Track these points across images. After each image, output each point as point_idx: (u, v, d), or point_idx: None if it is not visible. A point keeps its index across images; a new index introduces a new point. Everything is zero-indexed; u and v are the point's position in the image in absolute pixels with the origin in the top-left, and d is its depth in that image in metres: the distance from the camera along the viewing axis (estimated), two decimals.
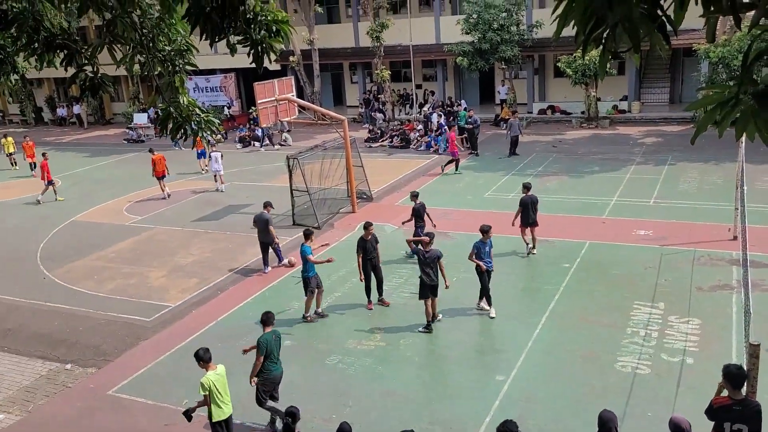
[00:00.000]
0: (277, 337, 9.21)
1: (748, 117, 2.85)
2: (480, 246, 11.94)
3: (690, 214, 16.67)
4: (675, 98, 32.37)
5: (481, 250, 11.94)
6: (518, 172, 22.35)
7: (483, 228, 12.04)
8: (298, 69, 34.66)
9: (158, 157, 22.50)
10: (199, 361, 8.35)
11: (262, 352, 8.96)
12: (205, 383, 8.20)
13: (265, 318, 9.29)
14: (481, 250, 11.94)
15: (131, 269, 15.85)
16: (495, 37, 29.21)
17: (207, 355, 8.39)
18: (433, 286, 11.53)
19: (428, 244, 11.53)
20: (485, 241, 11.93)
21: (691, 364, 9.94)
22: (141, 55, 6.73)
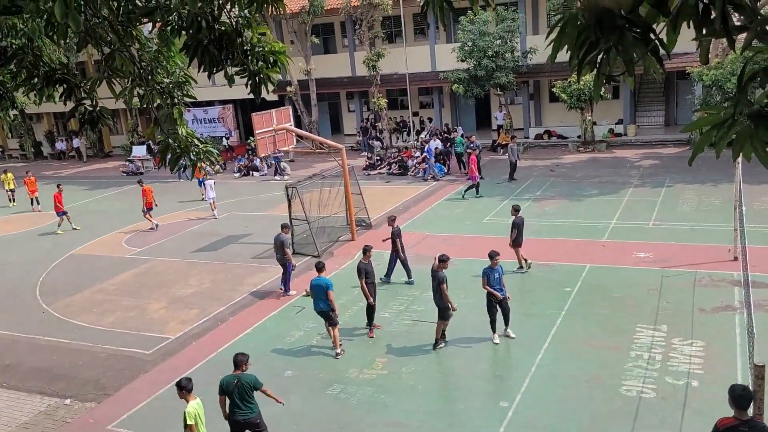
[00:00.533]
0: (242, 381, 8.78)
1: (744, 137, 2.86)
2: (489, 273, 11.76)
3: (690, 235, 16.67)
4: (670, 121, 32.60)
5: (491, 277, 11.74)
6: (516, 196, 22.38)
7: (491, 254, 11.86)
8: (296, 99, 34.94)
9: (149, 188, 22.63)
10: (182, 390, 8.33)
11: (219, 392, 8.84)
12: (192, 413, 8.14)
13: (234, 359, 9.00)
14: (491, 277, 11.75)
15: (131, 301, 15.78)
16: (490, 64, 29.52)
17: (189, 384, 8.39)
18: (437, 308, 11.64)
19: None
20: (494, 267, 11.76)
21: (697, 387, 9.85)
22: (140, 87, 6.78)
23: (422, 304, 13.92)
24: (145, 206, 22.50)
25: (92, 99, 6.91)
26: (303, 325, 13.48)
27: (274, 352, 12.43)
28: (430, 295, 14.30)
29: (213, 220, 23.08)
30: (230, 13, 5.66)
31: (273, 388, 10.95)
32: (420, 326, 12.87)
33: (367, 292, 12.42)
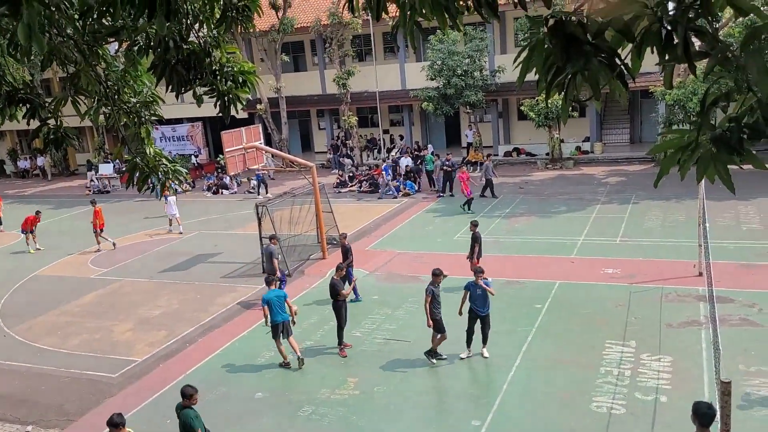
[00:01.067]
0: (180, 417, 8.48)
1: (708, 160, 2.92)
2: (471, 288, 11.78)
3: (656, 251, 16.95)
4: (635, 138, 33.28)
5: (473, 293, 11.74)
6: (486, 213, 22.56)
7: (476, 269, 12.02)
8: (266, 116, 34.84)
9: (100, 209, 22.31)
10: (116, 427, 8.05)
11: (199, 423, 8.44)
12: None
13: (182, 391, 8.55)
14: (473, 292, 11.75)
15: (96, 324, 15.42)
16: (459, 83, 29.86)
17: (122, 419, 8.11)
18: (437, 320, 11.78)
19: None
20: (477, 284, 11.73)
21: (665, 402, 9.96)
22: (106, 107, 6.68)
23: (393, 323, 13.88)
24: (97, 227, 22.11)
25: (57, 119, 6.79)
26: (274, 345, 13.30)
27: (244, 373, 12.24)
28: (401, 313, 14.34)
29: (180, 238, 22.76)
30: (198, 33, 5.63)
31: (243, 409, 10.82)
32: (391, 345, 12.82)
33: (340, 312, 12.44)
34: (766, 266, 15.10)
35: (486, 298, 11.75)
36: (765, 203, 20.52)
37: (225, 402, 11.22)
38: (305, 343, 13.24)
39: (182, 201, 29.59)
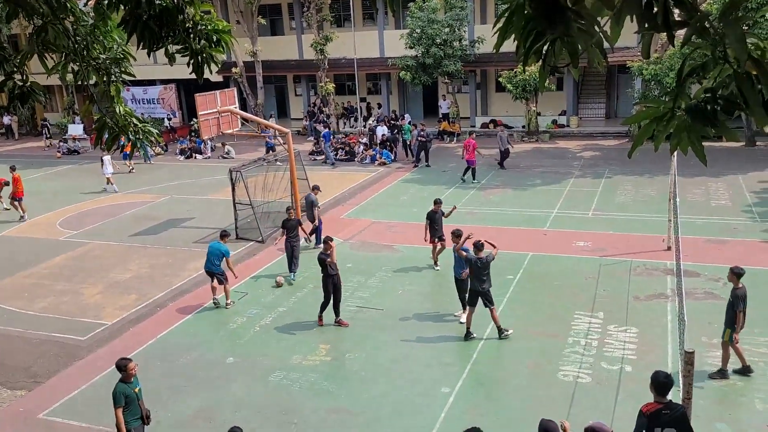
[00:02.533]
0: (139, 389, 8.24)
1: (682, 131, 2.93)
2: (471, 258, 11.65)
3: (626, 225, 17.20)
4: (611, 113, 33.50)
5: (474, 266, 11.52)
6: (462, 185, 22.61)
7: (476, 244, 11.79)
8: (241, 81, 34.26)
9: (19, 176, 21.53)
10: None
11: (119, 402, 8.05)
12: None
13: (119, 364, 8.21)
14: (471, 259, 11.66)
15: (65, 286, 15.22)
16: (438, 52, 29.62)
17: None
18: (485, 293, 11.33)
19: (479, 250, 11.43)
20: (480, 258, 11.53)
21: (630, 372, 10.20)
22: (74, 63, 6.49)
23: (367, 291, 13.94)
24: (15, 195, 21.31)
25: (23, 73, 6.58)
26: (246, 311, 13.30)
27: (215, 338, 12.23)
28: (374, 281, 14.40)
29: (152, 203, 22.47)
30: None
31: (215, 374, 10.83)
32: (364, 312, 12.89)
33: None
34: (732, 242, 15.44)
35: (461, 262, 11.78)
36: (734, 180, 20.89)
37: (196, 366, 11.21)
38: (278, 309, 13.24)
39: (156, 164, 29.18)
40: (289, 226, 14.86)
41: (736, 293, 9.55)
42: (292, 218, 15.10)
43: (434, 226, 14.62)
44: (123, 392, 8.07)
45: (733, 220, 17.12)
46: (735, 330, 9.58)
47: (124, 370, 8.12)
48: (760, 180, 20.81)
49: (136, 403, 8.19)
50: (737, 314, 9.50)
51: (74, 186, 25.73)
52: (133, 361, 8.28)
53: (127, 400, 8.07)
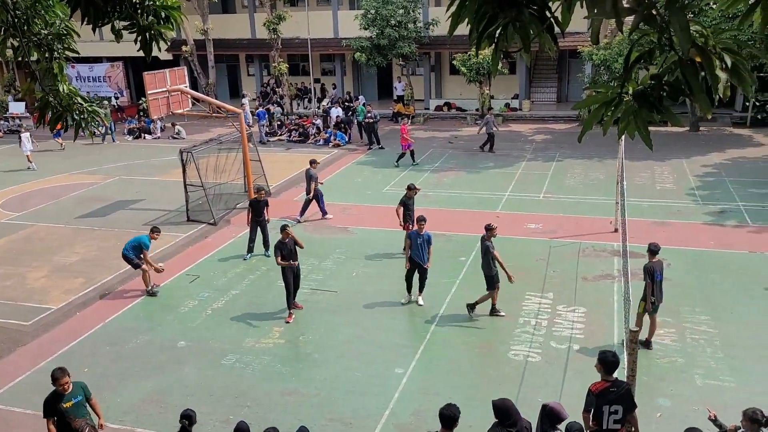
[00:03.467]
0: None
1: (629, 116, 3.00)
2: (413, 236, 11.88)
3: (576, 208, 17.60)
4: (562, 97, 34.07)
5: (414, 241, 11.85)
6: (416, 167, 22.70)
7: (419, 218, 12.06)
8: (192, 59, 33.46)
9: None
10: None
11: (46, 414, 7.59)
12: None
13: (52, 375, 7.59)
14: (414, 241, 11.85)
15: (7, 270, 14.72)
16: (393, 34, 29.53)
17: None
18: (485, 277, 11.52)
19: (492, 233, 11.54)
20: (420, 233, 11.83)
21: (578, 350, 10.49)
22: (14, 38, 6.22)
23: (321, 274, 13.91)
24: None
25: None
26: (198, 294, 13.13)
27: (166, 321, 12.04)
28: (328, 264, 14.38)
29: (99, 184, 21.86)
30: None
31: (166, 358, 10.68)
32: (317, 295, 12.87)
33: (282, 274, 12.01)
34: (676, 224, 15.96)
35: (424, 248, 11.92)
36: (678, 164, 21.56)
37: (147, 350, 11.03)
38: (231, 292, 13.11)
39: (102, 145, 28.35)
40: (259, 207, 14.68)
41: (645, 266, 10.14)
42: (261, 198, 14.86)
43: (407, 212, 14.45)
44: (52, 403, 7.54)
45: (677, 203, 17.69)
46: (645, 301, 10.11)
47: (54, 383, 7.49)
48: (702, 164, 21.53)
49: (64, 420, 7.50)
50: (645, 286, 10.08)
51: (16, 166, 24.80)
52: (67, 375, 7.55)
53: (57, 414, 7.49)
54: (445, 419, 6.26)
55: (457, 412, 6.27)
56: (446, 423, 6.27)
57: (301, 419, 8.70)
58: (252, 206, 14.79)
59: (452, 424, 6.26)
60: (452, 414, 6.25)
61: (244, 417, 8.24)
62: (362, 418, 9.01)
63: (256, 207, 14.72)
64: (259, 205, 14.74)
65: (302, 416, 8.93)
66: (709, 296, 12.13)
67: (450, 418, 6.24)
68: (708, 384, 9.45)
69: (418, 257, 11.93)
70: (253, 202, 14.86)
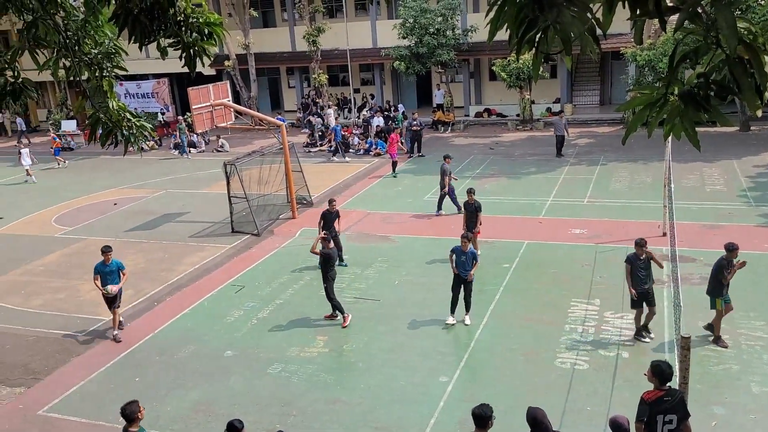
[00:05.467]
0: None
1: (675, 117, 2.94)
2: (457, 252, 11.52)
3: (622, 212, 17.25)
4: (605, 100, 33.51)
5: (458, 257, 11.48)
6: (457, 174, 22.56)
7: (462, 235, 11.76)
8: (234, 74, 34.11)
9: None
10: None
11: None
12: None
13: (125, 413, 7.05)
14: (458, 257, 11.49)
15: (61, 283, 15.20)
16: (431, 42, 29.55)
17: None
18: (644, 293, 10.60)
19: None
20: (465, 251, 11.47)
21: (627, 358, 10.25)
22: (66, 58, 6.46)
23: (363, 282, 13.95)
24: None
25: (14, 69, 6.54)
26: (243, 304, 13.31)
27: (213, 331, 12.23)
28: (371, 273, 14.41)
29: (145, 198, 22.42)
30: None
31: (213, 368, 10.85)
32: (361, 304, 12.90)
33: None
34: (727, 227, 15.49)
35: (468, 264, 11.55)
36: (729, 165, 20.94)
37: (195, 360, 11.22)
38: (275, 301, 13.25)
39: (148, 159, 29.10)
40: (330, 218, 14.59)
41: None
42: (333, 210, 14.68)
43: (471, 218, 14.47)
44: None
45: (728, 205, 17.17)
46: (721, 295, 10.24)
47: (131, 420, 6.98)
48: (754, 165, 20.87)
49: None
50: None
51: (68, 182, 25.65)
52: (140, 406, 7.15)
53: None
54: (478, 418, 6.38)
55: (489, 411, 6.38)
56: (479, 422, 6.38)
57: (346, 428, 8.73)
58: (324, 218, 14.61)
59: (485, 423, 6.35)
60: (483, 413, 6.36)
61: (290, 426, 8.31)
62: (407, 427, 8.98)
63: (328, 219, 14.57)
64: (331, 216, 14.56)
65: (347, 425, 8.94)
66: (765, 301, 11.72)
67: (482, 417, 6.35)
68: (765, 392, 9.11)
69: (461, 271, 11.66)
70: (325, 213, 14.66)
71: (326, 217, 14.59)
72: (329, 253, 12.06)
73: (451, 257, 11.67)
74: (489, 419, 6.35)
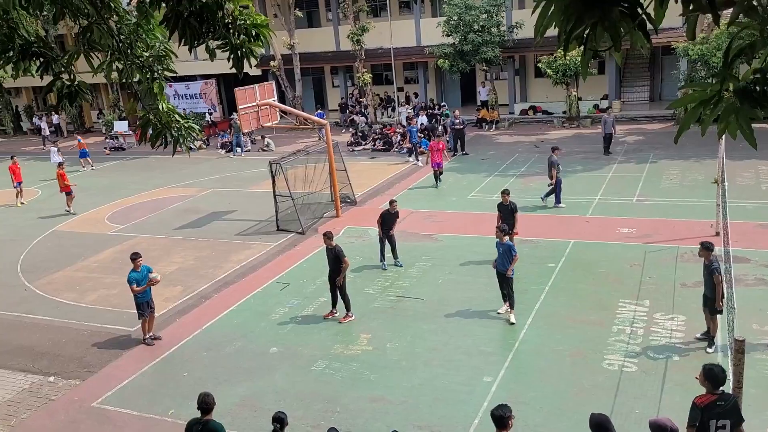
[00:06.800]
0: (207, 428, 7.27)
1: (730, 114, 2.85)
2: (497, 246, 11.72)
3: (672, 211, 16.81)
4: (655, 96, 32.69)
5: (497, 251, 11.69)
6: (501, 172, 22.41)
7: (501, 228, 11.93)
8: (279, 74, 34.55)
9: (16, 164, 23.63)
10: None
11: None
12: None
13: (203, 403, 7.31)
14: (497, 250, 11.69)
15: (114, 279, 15.65)
16: (476, 39, 29.32)
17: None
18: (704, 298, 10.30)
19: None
20: (502, 242, 11.62)
21: (677, 361, 9.99)
22: (119, 61, 6.65)
23: (407, 281, 13.96)
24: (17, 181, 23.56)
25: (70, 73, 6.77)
26: (288, 301, 13.48)
27: (258, 328, 12.43)
28: (414, 271, 14.41)
29: (194, 197, 22.92)
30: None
31: (259, 364, 11.03)
32: (404, 302, 12.92)
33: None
34: None
35: (506, 258, 11.62)
36: None
37: (240, 356, 11.42)
38: (319, 299, 13.37)
39: (196, 159, 29.72)
40: (390, 219, 14.48)
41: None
42: (393, 210, 14.53)
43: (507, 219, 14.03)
44: None
45: None
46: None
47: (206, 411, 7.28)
48: None
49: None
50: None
51: (120, 182, 26.41)
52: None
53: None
54: (497, 419, 6.39)
55: (507, 411, 6.39)
56: (498, 423, 6.38)
57: (389, 425, 8.74)
58: (383, 218, 14.51)
59: (504, 424, 6.34)
60: (502, 413, 6.36)
61: (334, 423, 8.39)
62: (450, 426, 8.95)
63: (388, 219, 14.48)
64: (391, 217, 14.47)
65: (390, 423, 8.96)
66: None
67: (501, 418, 6.36)
68: None
69: (500, 266, 11.72)
70: (385, 214, 14.55)
71: (386, 217, 14.53)
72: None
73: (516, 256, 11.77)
74: (508, 419, 6.36)
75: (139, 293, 11.90)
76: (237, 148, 30.29)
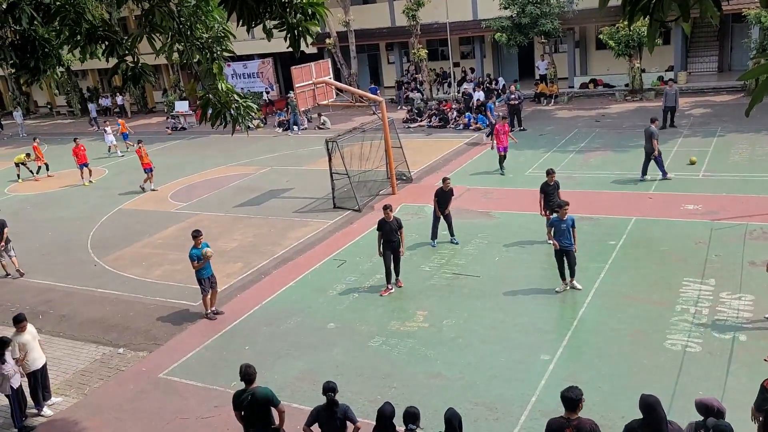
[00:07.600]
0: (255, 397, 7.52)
1: None
2: (556, 223, 11.64)
3: (741, 186, 16.13)
4: (724, 67, 31.23)
5: (557, 228, 11.60)
6: (560, 148, 21.94)
7: (560, 203, 11.87)
8: (335, 51, 34.60)
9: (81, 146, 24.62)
10: None
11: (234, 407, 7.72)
12: None
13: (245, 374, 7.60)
14: (557, 227, 11.61)
15: (177, 255, 16.18)
16: (534, 11, 28.57)
17: None
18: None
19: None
20: (563, 219, 11.53)
21: (744, 342, 9.66)
22: (179, 43, 6.80)
23: (463, 258, 13.91)
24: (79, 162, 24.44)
25: (134, 55, 6.97)
26: (344, 278, 13.65)
27: (316, 304, 12.65)
28: (470, 249, 14.35)
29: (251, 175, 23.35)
30: None
31: (317, 339, 11.24)
32: (460, 280, 12.89)
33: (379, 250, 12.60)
34: None
35: (569, 233, 11.55)
36: None
37: (299, 331, 11.67)
38: (375, 276, 13.48)
39: (254, 137, 30.22)
40: (445, 197, 14.34)
41: None
42: (447, 188, 14.29)
43: (549, 198, 13.79)
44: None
45: None
46: None
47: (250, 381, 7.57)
48: None
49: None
50: None
51: (184, 160, 27.13)
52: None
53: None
54: (567, 401, 6.25)
55: (579, 393, 6.24)
56: (569, 404, 6.24)
57: (446, 402, 8.79)
58: (438, 196, 14.33)
59: (575, 406, 6.21)
60: (573, 396, 6.21)
61: (391, 398, 8.48)
62: (507, 404, 8.94)
63: (442, 197, 14.32)
64: (445, 195, 14.30)
65: (447, 399, 9.01)
66: None
67: (572, 400, 6.21)
68: None
69: (565, 243, 11.56)
70: (439, 192, 14.33)
71: (440, 195, 14.41)
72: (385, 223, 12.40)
73: (549, 230, 11.75)
74: (579, 401, 6.21)
75: (198, 269, 12.25)
76: (294, 126, 30.64)
